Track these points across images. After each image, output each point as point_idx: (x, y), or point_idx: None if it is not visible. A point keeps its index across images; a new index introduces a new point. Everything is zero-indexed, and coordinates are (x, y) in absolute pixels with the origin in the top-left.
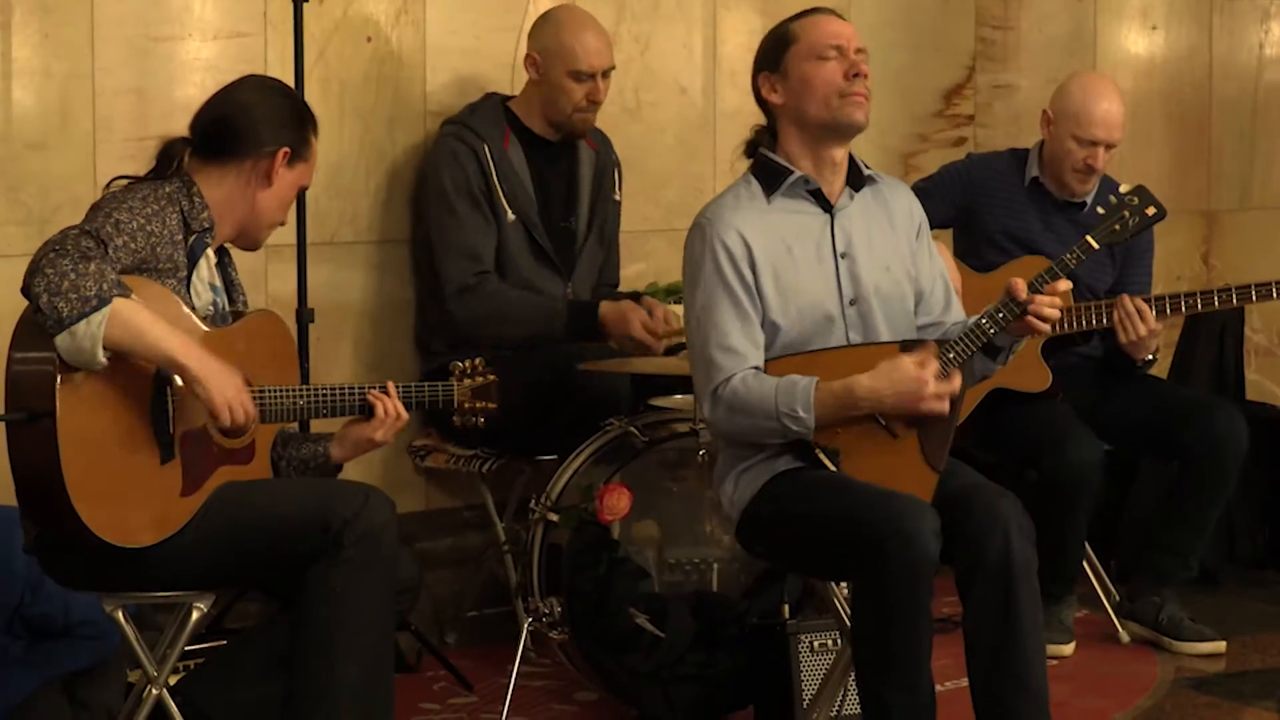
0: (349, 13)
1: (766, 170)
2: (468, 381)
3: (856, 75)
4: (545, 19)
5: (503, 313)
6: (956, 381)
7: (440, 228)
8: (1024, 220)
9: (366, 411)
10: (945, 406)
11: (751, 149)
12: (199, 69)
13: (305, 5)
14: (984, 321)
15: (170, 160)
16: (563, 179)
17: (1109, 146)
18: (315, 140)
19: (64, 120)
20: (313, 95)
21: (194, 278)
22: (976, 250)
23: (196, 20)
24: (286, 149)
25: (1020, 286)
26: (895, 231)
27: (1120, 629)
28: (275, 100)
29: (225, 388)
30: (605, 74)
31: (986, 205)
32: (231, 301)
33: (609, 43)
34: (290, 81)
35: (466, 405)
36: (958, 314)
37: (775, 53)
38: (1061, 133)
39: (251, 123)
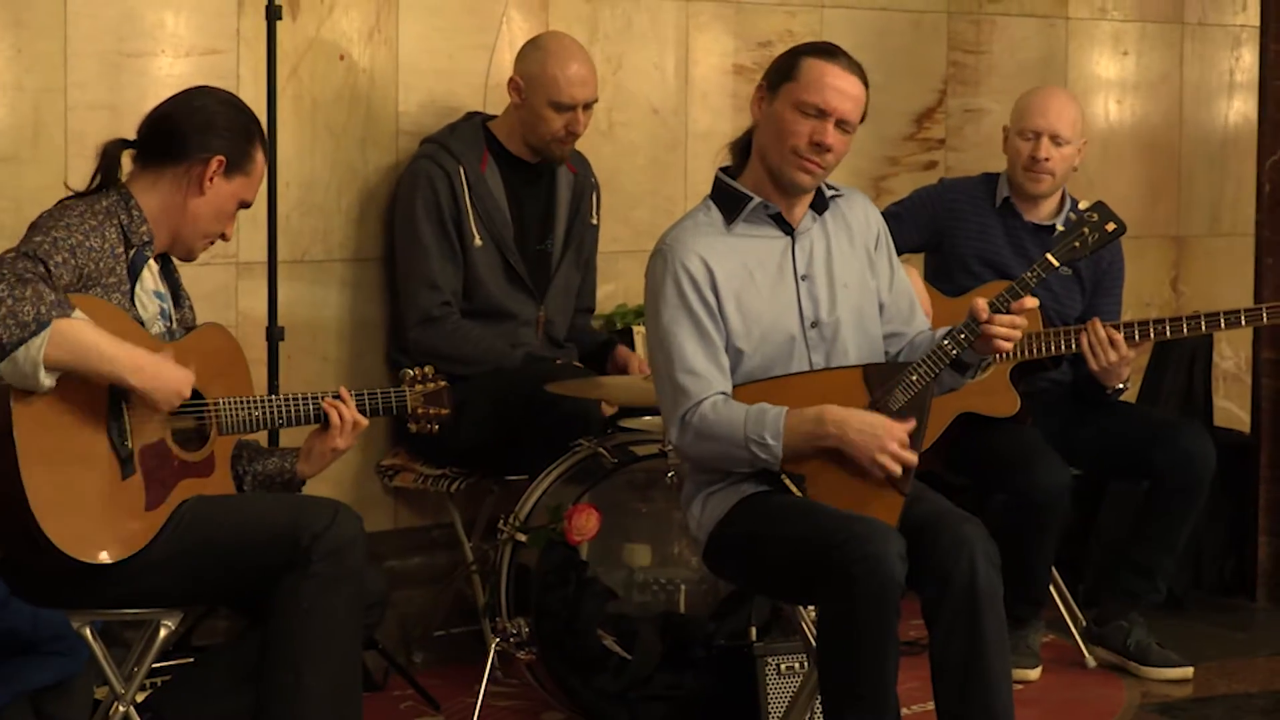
0: (322, 31)
1: (726, 198)
2: (419, 388)
3: (820, 145)
4: (534, 44)
5: (460, 352)
6: (914, 457)
7: (406, 254)
8: (994, 244)
9: (322, 420)
10: (897, 470)
11: (735, 147)
12: (172, 85)
13: (278, 23)
14: (946, 343)
15: (110, 163)
16: (540, 201)
17: (1054, 138)
18: (261, 157)
19: (36, 134)
20: (285, 113)
21: (137, 289)
22: (948, 274)
23: (169, 36)
24: (221, 157)
25: (982, 306)
26: (854, 246)
27: (1087, 654)
28: (219, 109)
29: (171, 396)
30: (587, 106)
31: (958, 229)
32: (178, 307)
33: (594, 75)
34: (263, 99)
35: (420, 411)
36: (921, 324)
37: (778, 75)
38: (1012, 135)
39: (190, 128)
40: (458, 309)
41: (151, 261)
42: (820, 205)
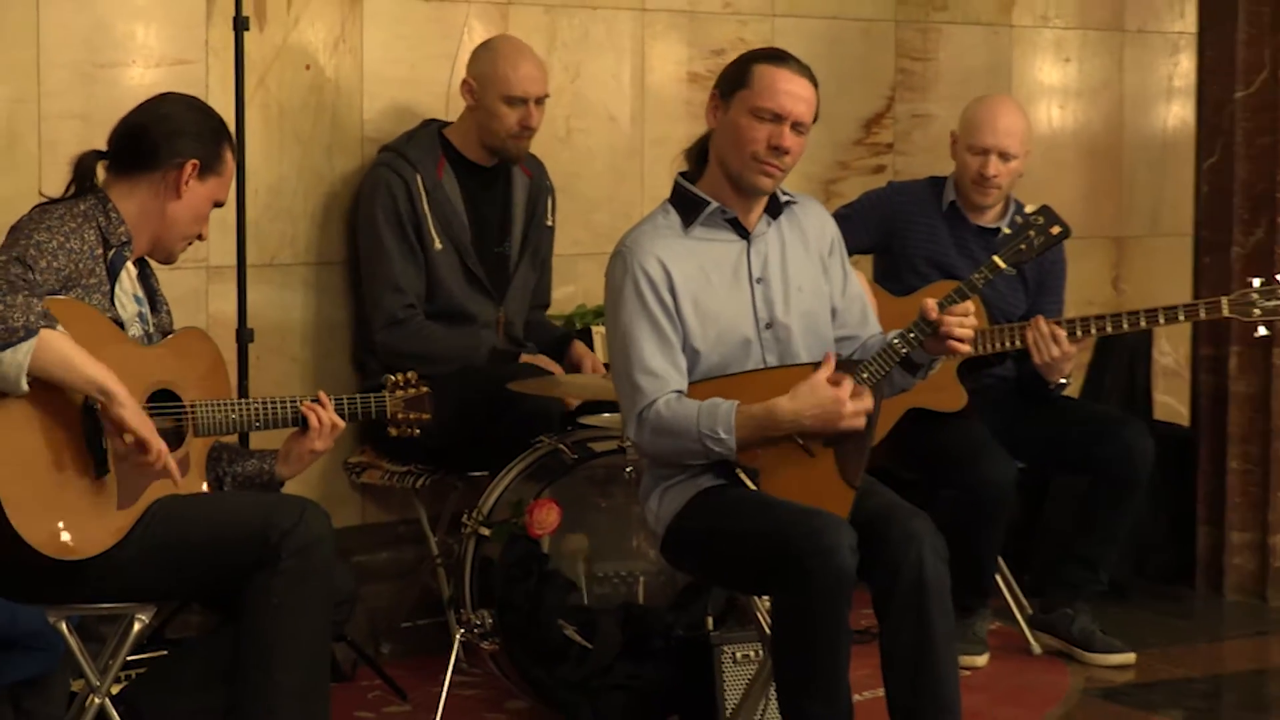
0: (288, 41)
1: (684, 201)
2: (400, 393)
3: (778, 148)
4: (484, 47)
5: (427, 351)
6: (870, 400)
7: (369, 259)
8: (941, 245)
9: (301, 423)
10: (862, 422)
11: (691, 154)
12: (142, 94)
13: (246, 34)
14: (896, 341)
15: (85, 173)
16: (497, 205)
17: (1002, 155)
18: (231, 157)
19: (11, 143)
20: (253, 121)
21: (117, 290)
22: (897, 274)
23: (140, 48)
24: (195, 161)
25: (931, 306)
26: (809, 252)
27: (1032, 641)
28: (187, 115)
29: (147, 422)
30: (539, 101)
31: (906, 231)
32: (155, 311)
33: (544, 72)
34: (231, 107)
35: (400, 416)
36: (874, 328)
37: (731, 83)
38: (961, 147)
39: (161, 136)
40: (421, 311)
41: (130, 266)
42: (775, 210)
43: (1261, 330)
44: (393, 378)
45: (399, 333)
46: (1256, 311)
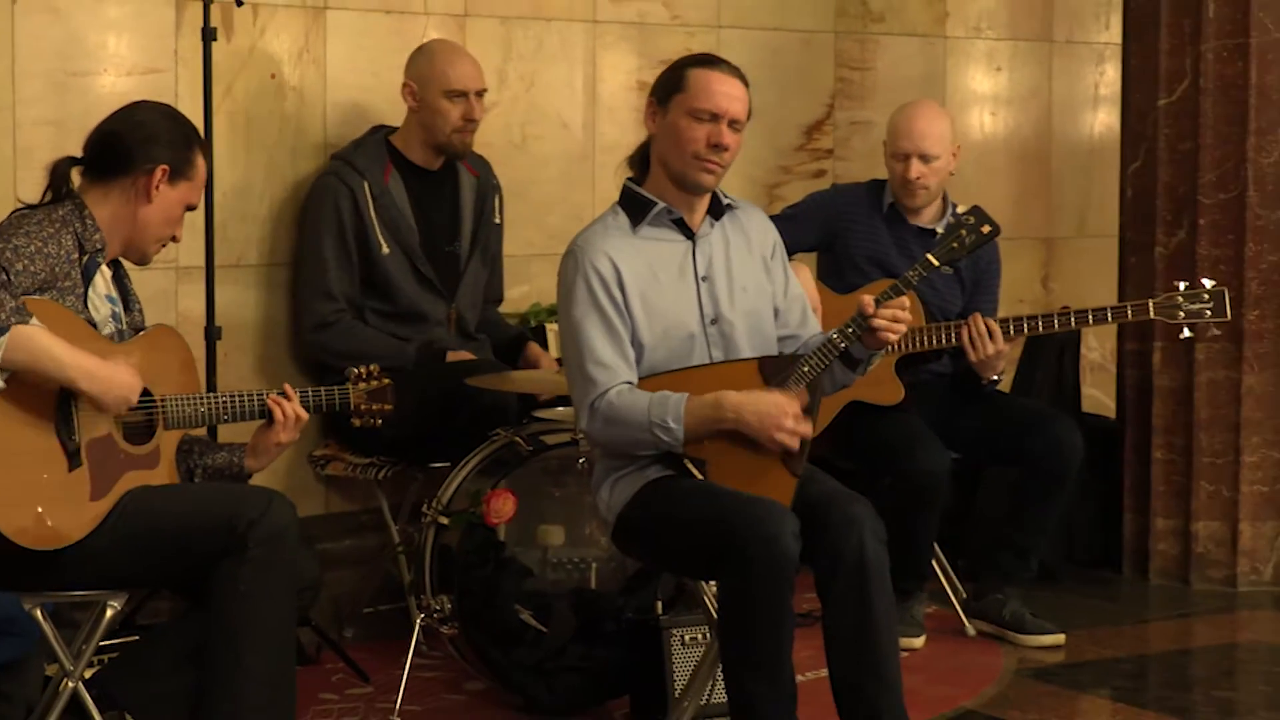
0: (255, 51)
1: (633, 202)
2: (363, 385)
3: (717, 146)
4: (420, 50)
5: (354, 350)
6: (810, 428)
7: (305, 264)
8: (882, 245)
9: (267, 416)
10: (794, 444)
11: (633, 161)
12: (114, 102)
13: (214, 44)
14: (835, 337)
15: (59, 179)
16: (445, 206)
17: (923, 157)
18: (202, 161)
19: None
20: (221, 127)
21: (90, 293)
22: (839, 273)
23: (111, 57)
24: (165, 166)
25: (867, 302)
26: (752, 254)
27: (967, 623)
28: (157, 121)
29: (119, 402)
30: (479, 94)
31: (848, 231)
32: (128, 311)
33: (480, 68)
34: (200, 114)
35: (363, 407)
36: (814, 328)
37: (666, 89)
38: (888, 154)
39: (132, 143)
40: (350, 313)
41: (104, 267)
42: (717, 212)
43: (1186, 332)
44: (356, 370)
45: (326, 334)
46: (1181, 314)
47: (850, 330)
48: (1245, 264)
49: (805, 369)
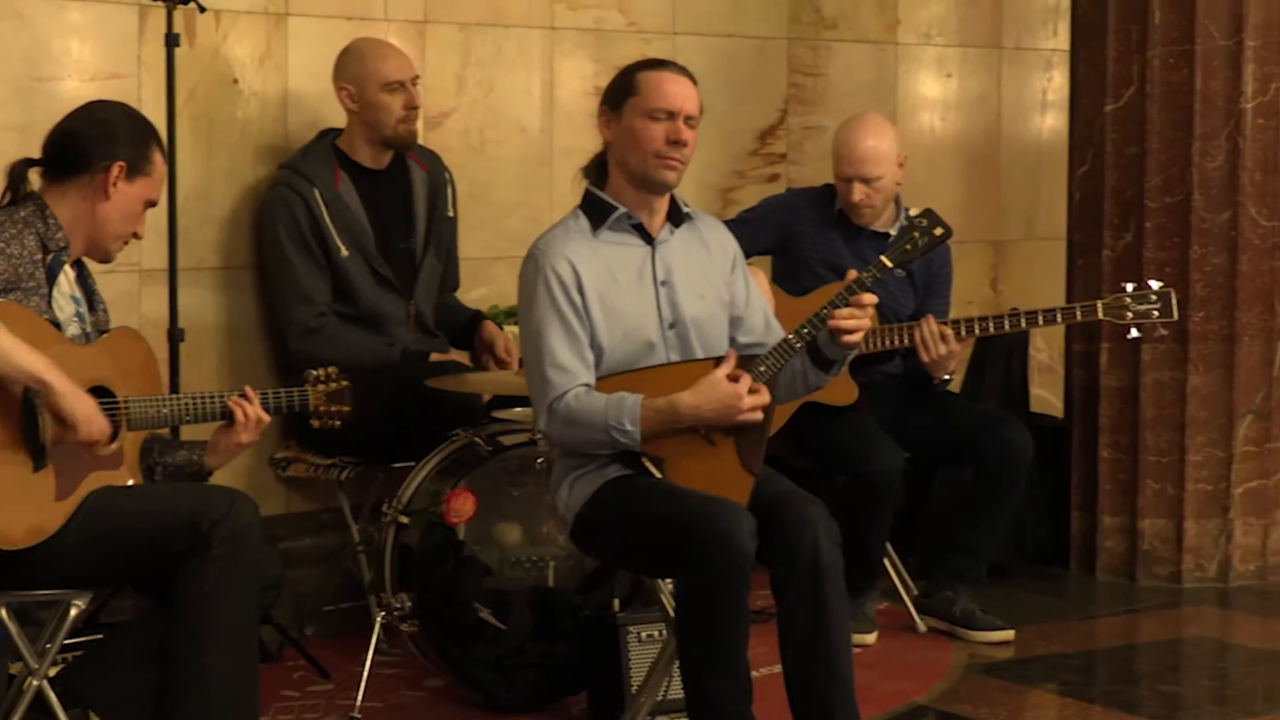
0: (217, 57)
1: (594, 206)
2: (321, 387)
3: (676, 142)
4: (345, 53)
5: (342, 355)
6: (767, 395)
7: (276, 274)
8: (836, 249)
9: (228, 417)
10: (759, 416)
11: (589, 171)
12: None
13: (177, 50)
14: (791, 338)
15: (17, 181)
16: (398, 204)
17: (865, 180)
18: (160, 158)
19: None
20: (184, 132)
21: (55, 293)
22: (794, 276)
23: (75, 62)
24: (121, 163)
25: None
26: (711, 263)
27: (918, 620)
28: (114, 119)
29: (86, 404)
30: (414, 81)
31: (803, 235)
32: (92, 310)
33: (408, 56)
34: (162, 119)
35: (321, 409)
36: (777, 335)
37: (618, 95)
38: (834, 172)
39: (89, 141)
40: (332, 317)
41: (68, 268)
42: (677, 219)
43: (1134, 332)
44: (314, 372)
45: (313, 340)
46: (1129, 315)
47: (805, 331)
48: (1190, 266)
49: (761, 369)
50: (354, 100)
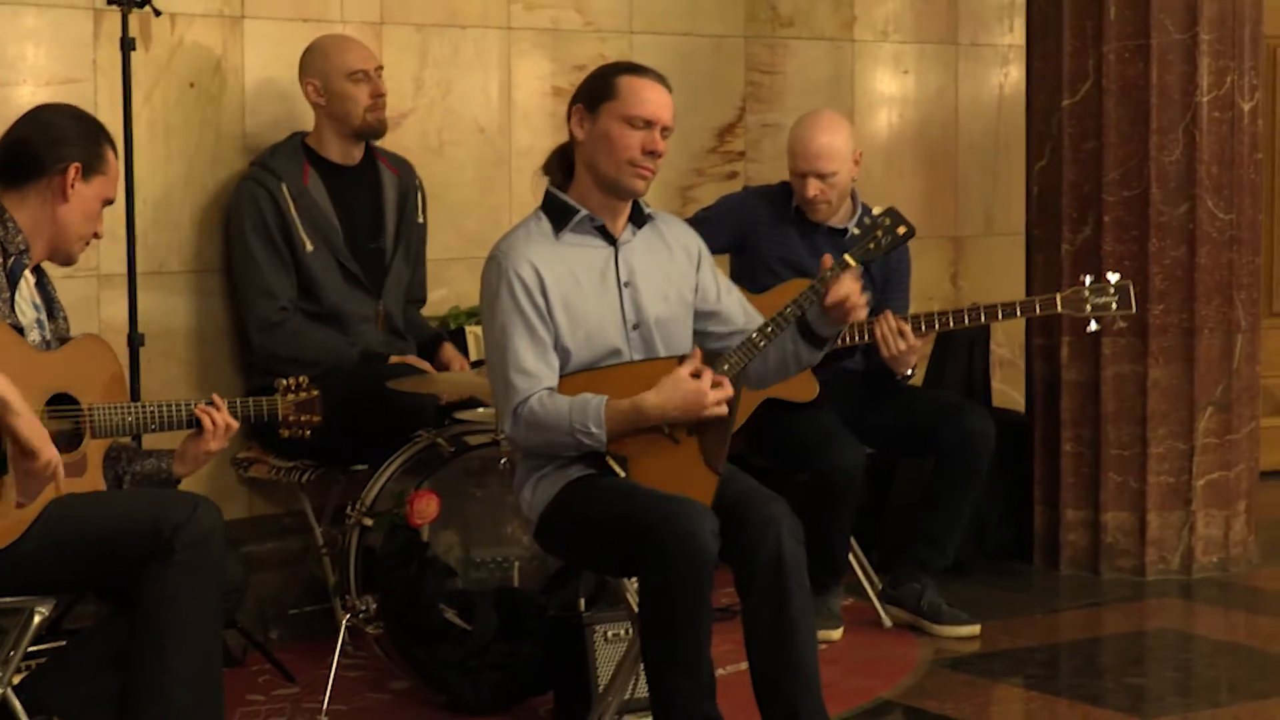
0: (173, 61)
1: (556, 209)
2: (291, 396)
3: (652, 153)
4: (309, 50)
5: (299, 353)
6: (730, 389)
7: (241, 269)
8: (793, 247)
9: (196, 425)
10: (724, 410)
11: (549, 167)
12: None
13: (133, 54)
14: (755, 335)
15: None
16: (367, 203)
17: (819, 176)
18: (112, 156)
19: None
20: (140, 137)
21: (16, 297)
22: (752, 274)
23: (30, 68)
24: (77, 164)
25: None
26: (675, 264)
27: (883, 615)
28: (63, 122)
29: (40, 428)
30: (378, 70)
31: (760, 233)
32: (51, 317)
33: (369, 47)
34: (119, 124)
35: (291, 418)
36: (757, 321)
37: (594, 96)
38: (789, 168)
39: (40, 145)
40: (295, 313)
41: (28, 274)
42: (639, 220)
43: (1093, 325)
44: (284, 381)
45: (274, 335)
46: (1088, 308)
47: (769, 329)
48: (1149, 259)
49: (724, 367)
50: (320, 94)
